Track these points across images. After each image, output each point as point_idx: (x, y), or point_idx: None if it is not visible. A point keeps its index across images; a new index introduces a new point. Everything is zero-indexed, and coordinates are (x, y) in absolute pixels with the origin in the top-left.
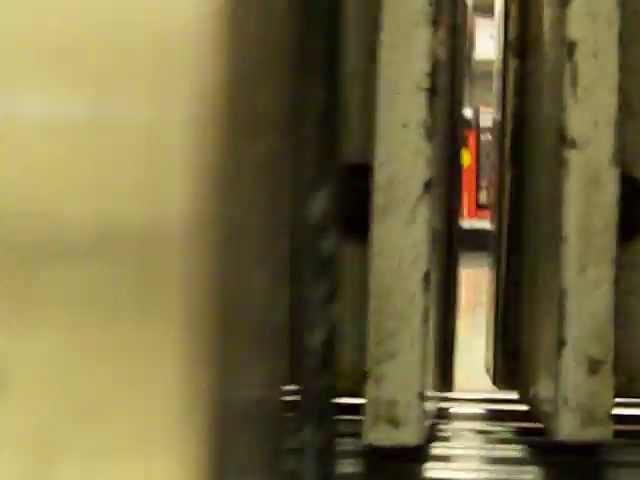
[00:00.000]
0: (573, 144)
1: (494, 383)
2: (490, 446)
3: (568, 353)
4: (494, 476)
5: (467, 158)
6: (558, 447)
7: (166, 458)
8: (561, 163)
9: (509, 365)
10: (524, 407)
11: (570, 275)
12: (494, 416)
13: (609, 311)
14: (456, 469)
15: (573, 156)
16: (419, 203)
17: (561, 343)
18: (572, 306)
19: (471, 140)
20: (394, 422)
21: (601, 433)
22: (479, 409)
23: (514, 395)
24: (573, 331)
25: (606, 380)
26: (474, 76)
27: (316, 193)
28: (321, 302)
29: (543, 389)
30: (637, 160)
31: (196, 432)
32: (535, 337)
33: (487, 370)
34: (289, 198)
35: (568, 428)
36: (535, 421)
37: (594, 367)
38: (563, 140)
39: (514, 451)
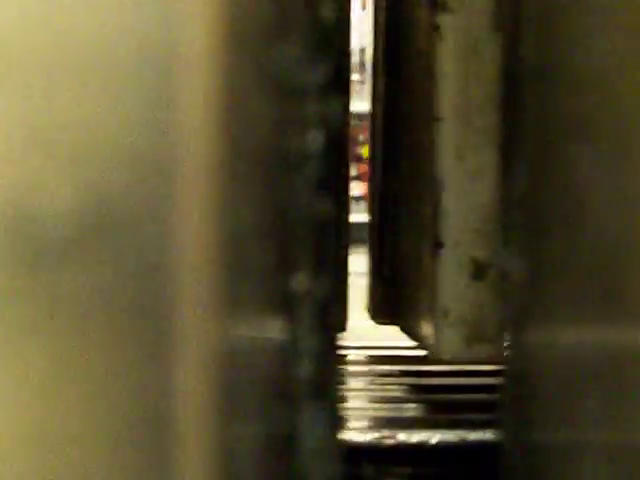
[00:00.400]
0: (444, 8)
1: (372, 318)
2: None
3: (446, 256)
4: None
5: (366, 150)
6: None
7: None
8: (433, 30)
9: (387, 295)
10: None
11: (446, 163)
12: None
13: (494, 204)
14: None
15: (446, 22)
16: None
17: (437, 245)
18: (449, 199)
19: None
20: None
21: (490, 351)
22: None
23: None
24: (451, 230)
25: (493, 287)
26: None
27: None
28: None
29: (422, 309)
30: None
31: None
32: (412, 251)
33: (366, 307)
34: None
35: (450, 347)
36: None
37: (478, 272)
38: (434, 4)
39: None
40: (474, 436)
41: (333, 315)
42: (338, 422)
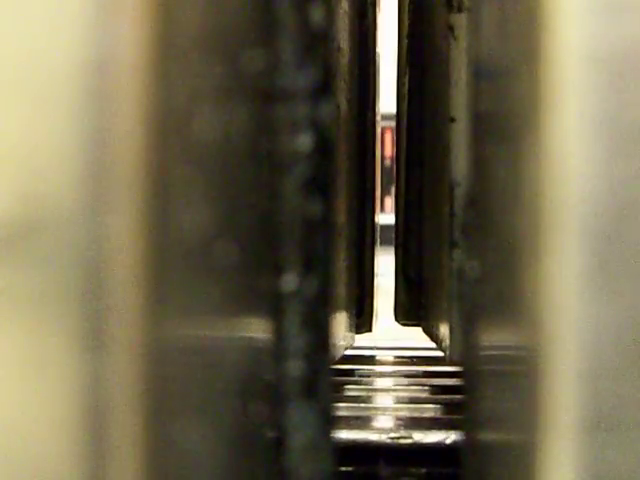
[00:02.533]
0: (460, 8)
1: (397, 319)
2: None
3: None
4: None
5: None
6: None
7: None
8: (449, 31)
9: (411, 297)
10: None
11: (460, 163)
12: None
13: None
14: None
15: (460, 21)
16: None
17: (453, 245)
18: (462, 197)
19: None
20: None
21: None
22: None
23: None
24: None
25: None
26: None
27: None
28: None
29: (439, 310)
30: None
31: None
32: (432, 252)
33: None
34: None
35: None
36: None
37: None
38: (450, 5)
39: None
40: None
41: (322, 315)
42: (329, 422)
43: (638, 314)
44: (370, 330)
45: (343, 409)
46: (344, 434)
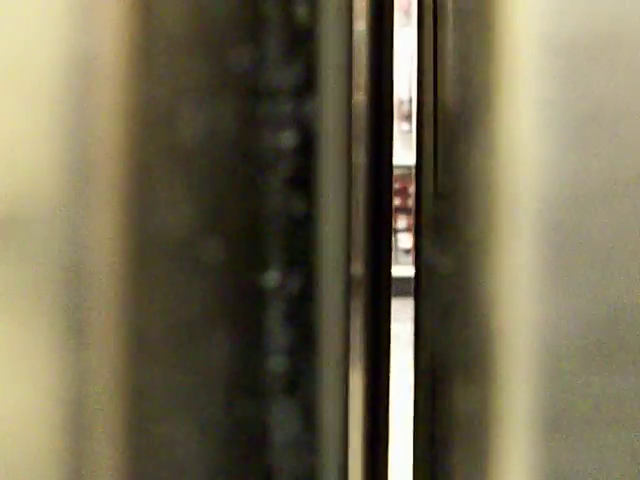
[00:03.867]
0: None
1: None
2: None
3: None
4: None
5: None
6: None
7: None
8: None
9: None
10: None
11: None
12: None
13: None
14: None
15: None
16: None
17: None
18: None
19: None
20: None
21: None
22: None
23: None
24: None
25: None
26: None
27: None
28: None
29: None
30: None
31: None
32: None
33: None
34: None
35: None
36: None
37: None
38: None
39: None
40: None
41: (307, 311)
42: (311, 418)
43: (594, 310)
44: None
45: None
46: None
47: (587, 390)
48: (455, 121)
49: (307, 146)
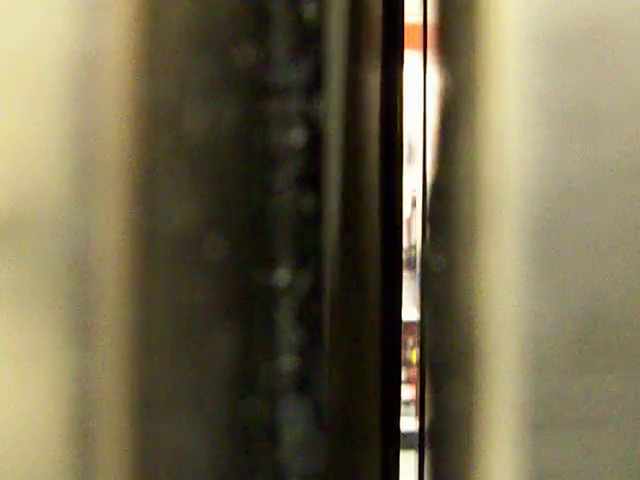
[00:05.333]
0: None
1: None
2: None
3: None
4: None
5: (414, 355)
6: None
7: None
8: None
9: None
10: None
11: None
12: None
13: None
14: None
15: None
16: None
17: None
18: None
19: None
20: None
21: None
22: None
23: None
24: None
25: None
26: None
27: None
28: None
29: None
30: None
31: None
32: None
33: None
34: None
35: None
36: None
37: None
38: None
39: None
40: None
41: (316, 310)
42: (322, 416)
43: (582, 308)
44: None
45: None
46: None
47: (574, 389)
48: (442, 118)
49: (316, 144)
